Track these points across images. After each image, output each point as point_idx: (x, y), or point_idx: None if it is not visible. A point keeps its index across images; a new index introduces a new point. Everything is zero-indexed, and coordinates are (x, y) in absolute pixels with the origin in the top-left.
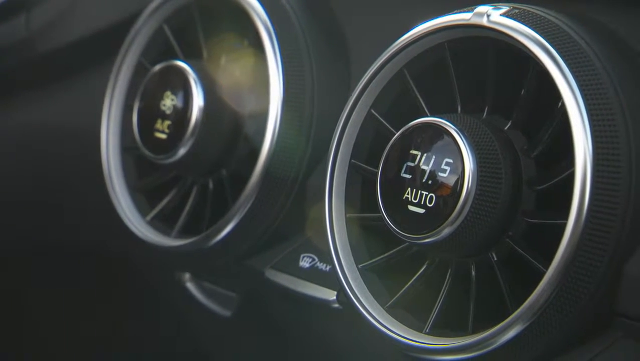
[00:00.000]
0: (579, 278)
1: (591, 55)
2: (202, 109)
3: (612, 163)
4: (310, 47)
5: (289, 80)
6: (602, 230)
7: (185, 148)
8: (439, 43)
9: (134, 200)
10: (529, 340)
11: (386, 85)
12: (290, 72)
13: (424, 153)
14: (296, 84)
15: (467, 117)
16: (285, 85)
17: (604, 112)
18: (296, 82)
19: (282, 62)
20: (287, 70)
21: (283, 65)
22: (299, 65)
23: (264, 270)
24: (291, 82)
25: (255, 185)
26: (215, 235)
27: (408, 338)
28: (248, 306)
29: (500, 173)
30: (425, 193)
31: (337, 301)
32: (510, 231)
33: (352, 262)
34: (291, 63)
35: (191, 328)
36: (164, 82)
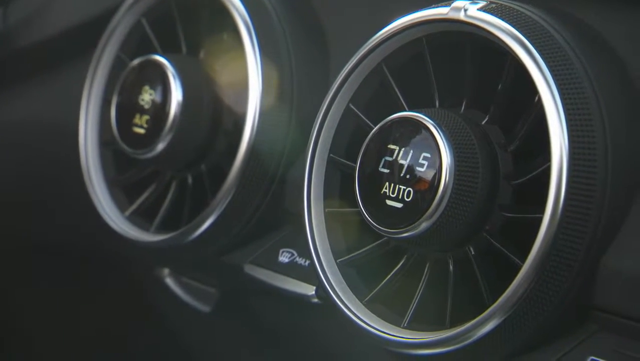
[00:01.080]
0: (555, 271)
1: (568, 50)
2: (180, 104)
3: (588, 157)
4: (290, 41)
5: (268, 74)
6: (578, 224)
7: (164, 143)
8: (417, 37)
9: (113, 195)
10: (506, 333)
11: (365, 79)
12: (270, 66)
13: (401, 147)
14: (275, 78)
15: (444, 112)
16: (264, 80)
17: (580, 107)
18: (275, 76)
19: (261, 57)
20: (266, 64)
21: (262, 59)
22: (278, 59)
23: (243, 265)
24: (270, 76)
25: (234, 180)
26: (194, 230)
27: (386, 332)
28: (227, 302)
29: (478, 168)
30: (403, 188)
31: (316, 296)
32: (487, 225)
33: (330, 257)
34: (270, 57)
35: (171, 324)
36: (143, 76)
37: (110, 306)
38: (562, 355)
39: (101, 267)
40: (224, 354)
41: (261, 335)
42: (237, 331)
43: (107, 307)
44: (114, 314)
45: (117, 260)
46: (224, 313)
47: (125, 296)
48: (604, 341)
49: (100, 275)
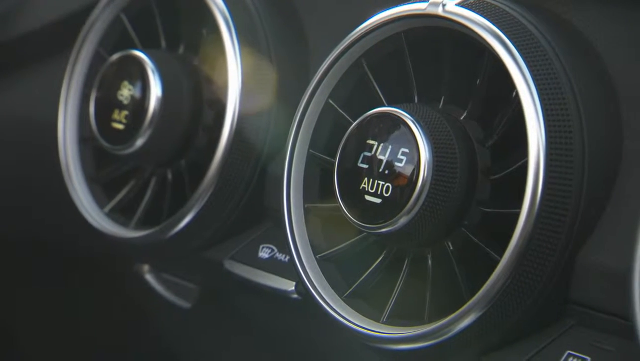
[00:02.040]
0: (533, 266)
1: (545, 46)
2: (159, 99)
3: (565, 153)
4: (269, 36)
5: (248, 70)
6: (555, 218)
7: (143, 138)
8: (395, 33)
9: (92, 191)
10: (483, 328)
11: (344, 75)
12: (249, 62)
13: (380, 143)
14: (255, 73)
15: (423, 107)
16: (244, 76)
17: (557, 102)
18: (255, 72)
19: (241, 52)
20: (246, 60)
21: (241, 55)
22: (257, 55)
23: (223, 261)
24: (250, 72)
25: (214, 175)
26: (173, 226)
27: (364, 327)
28: (208, 298)
29: (456, 163)
30: (382, 183)
31: (295, 292)
32: (466, 220)
33: (310, 252)
34: (250, 53)
35: (151, 320)
36: (122, 71)
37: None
38: (540, 350)
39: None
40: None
41: (242, 331)
42: (218, 327)
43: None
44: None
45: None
46: (204, 309)
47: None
48: (580, 336)
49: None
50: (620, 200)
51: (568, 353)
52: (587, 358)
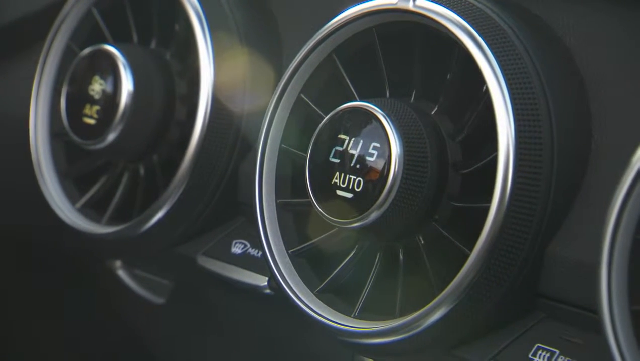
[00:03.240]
0: (502, 260)
1: (515, 40)
2: (131, 94)
3: (534, 147)
4: (242, 31)
5: (220, 64)
6: (524, 213)
7: (115, 133)
8: (367, 27)
9: (64, 187)
10: (454, 322)
11: (316, 69)
12: (222, 56)
13: (352, 137)
14: (227, 68)
15: (394, 102)
16: (216, 70)
17: (526, 97)
18: (227, 66)
19: (213, 47)
20: (218, 54)
21: (213, 49)
22: (230, 49)
23: (196, 257)
24: (222, 66)
25: (186, 170)
26: (146, 222)
27: (336, 322)
28: (181, 294)
29: (427, 158)
30: (353, 178)
31: (268, 287)
32: (437, 215)
33: (282, 248)
34: (222, 48)
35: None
36: (93, 66)
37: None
38: (510, 343)
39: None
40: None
41: (215, 326)
42: (192, 322)
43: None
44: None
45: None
46: (178, 305)
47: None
48: (550, 329)
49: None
50: (588, 194)
51: (537, 347)
52: (556, 352)
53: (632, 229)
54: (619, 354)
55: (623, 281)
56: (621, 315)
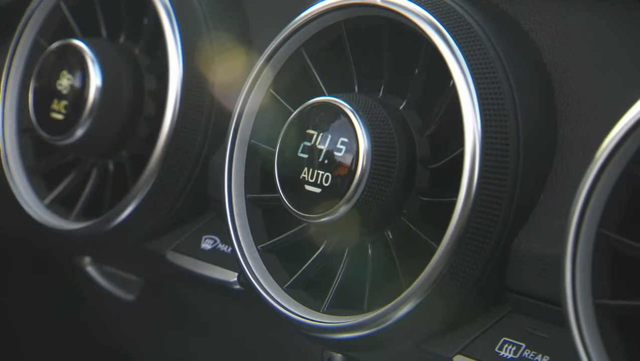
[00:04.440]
0: (469, 254)
1: (481, 35)
2: (99, 89)
3: (500, 142)
4: (211, 26)
5: (189, 59)
6: (491, 207)
7: (83, 129)
8: (335, 22)
9: (32, 182)
10: (422, 316)
11: (284, 64)
12: (190, 51)
13: (320, 132)
14: (196, 63)
15: (362, 97)
16: (185, 65)
17: (493, 92)
18: (196, 61)
19: (182, 41)
20: (187, 49)
21: (182, 44)
22: (199, 44)
23: (166, 253)
24: (191, 61)
25: (155, 166)
26: (114, 218)
27: (305, 317)
28: (151, 290)
29: (394, 153)
30: (321, 173)
31: (238, 283)
32: (405, 209)
33: (251, 243)
34: (191, 42)
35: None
36: (61, 61)
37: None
38: (476, 337)
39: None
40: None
41: (186, 322)
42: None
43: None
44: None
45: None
46: (148, 301)
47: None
48: (516, 323)
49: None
50: (554, 188)
51: (504, 340)
52: (522, 345)
53: (595, 223)
54: (583, 347)
55: (587, 275)
56: (585, 308)
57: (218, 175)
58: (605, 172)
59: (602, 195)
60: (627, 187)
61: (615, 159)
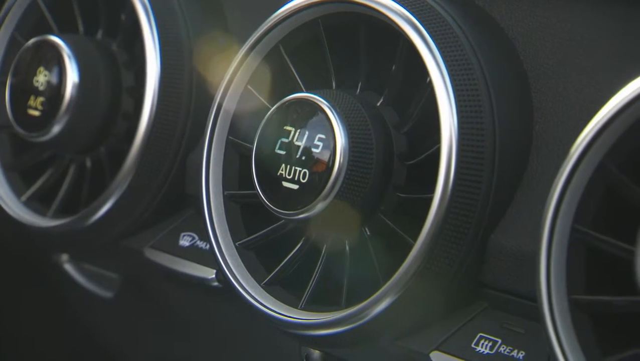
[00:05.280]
0: (446, 250)
1: (458, 32)
2: (76, 85)
3: (477, 138)
4: (189, 22)
5: (167, 55)
6: (467, 203)
7: (60, 125)
8: (313, 19)
9: (9, 179)
10: (399, 312)
11: (262, 60)
12: (168, 47)
13: (297, 129)
14: (174, 59)
15: (340, 93)
16: (163, 61)
17: (469, 89)
18: (174, 57)
19: (159, 37)
20: (165, 45)
21: (160, 40)
22: (176, 40)
23: (144, 250)
24: (169, 57)
25: (133, 163)
26: (92, 215)
27: (282, 314)
28: (129, 287)
29: (372, 149)
30: (299, 169)
31: (216, 280)
32: (382, 206)
33: (229, 240)
34: (168, 38)
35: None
36: (38, 57)
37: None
38: (453, 332)
39: None
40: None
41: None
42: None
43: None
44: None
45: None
46: (126, 298)
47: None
48: (492, 318)
49: None
50: (530, 184)
51: (480, 336)
52: (498, 341)
53: (570, 218)
54: (557, 342)
55: (561, 270)
56: (559, 303)
57: (196, 172)
58: (579, 167)
59: (576, 190)
60: (602, 183)
61: (589, 155)
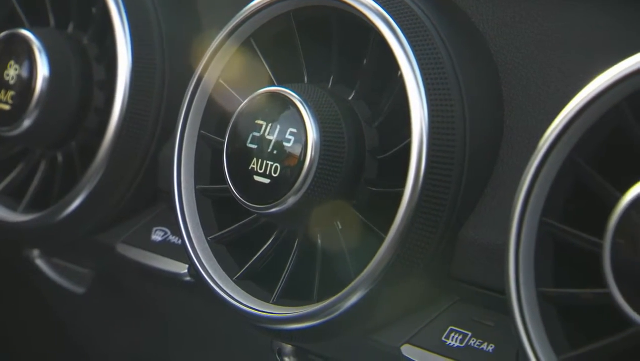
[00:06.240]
0: (416, 243)
1: (428, 26)
2: (47, 79)
3: (447, 132)
4: (160, 15)
5: (138, 48)
6: (438, 197)
7: (30, 119)
8: (284, 12)
9: None
10: (370, 305)
11: (234, 54)
12: (139, 40)
13: (269, 123)
14: (146, 52)
15: (311, 87)
16: (134, 54)
17: (440, 82)
18: (146, 51)
19: (130, 30)
20: (136, 38)
21: (131, 33)
22: (148, 33)
23: (116, 245)
24: (140, 51)
25: (104, 157)
26: (63, 209)
27: (254, 308)
28: (101, 282)
29: (343, 143)
30: (270, 163)
31: (188, 275)
32: (354, 200)
33: (201, 234)
34: (140, 31)
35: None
36: (8, 51)
37: None
38: (424, 326)
39: None
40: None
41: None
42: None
43: None
44: None
45: None
46: (99, 293)
47: None
48: (463, 311)
49: None
50: (500, 177)
51: (450, 329)
52: (468, 333)
53: (538, 211)
54: (525, 334)
55: (530, 263)
56: (528, 295)
57: (169, 166)
58: (547, 161)
59: (545, 183)
60: (570, 176)
61: (557, 149)
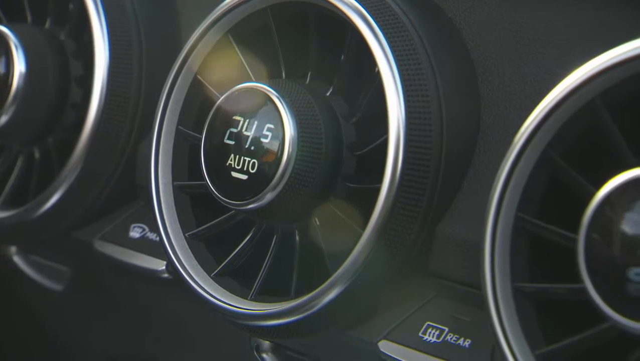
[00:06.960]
0: (394, 239)
1: (405, 22)
2: (23, 75)
3: (424, 128)
4: (138, 11)
5: (116, 44)
6: (415, 193)
7: (7, 116)
8: (262, 8)
9: None
10: (347, 301)
11: (211, 50)
12: (117, 36)
13: (246, 119)
14: (123, 48)
15: (289, 83)
16: (112, 50)
17: (417, 79)
18: (123, 46)
19: (108, 26)
20: (113, 34)
21: (109, 29)
22: (125, 29)
23: (93, 242)
24: (118, 46)
25: (81, 154)
26: (41, 206)
27: (232, 305)
28: (79, 279)
29: (321, 139)
30: (248, 160)
31: (166, 271)
32: (332, 196)
33: (179, 231)
34: (117, 27)
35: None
36: None
37: None
38: (401, 321)
39: None
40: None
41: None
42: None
43: None
44: None
45: None
46: (77, 291)
47: None
48: (440, 307)
49: None
50: (477, 173)
51: (427, 324)
52: (445, 329)
53: (514, 207)
54: (500, 329)
55: (505, 258)
56: (503, 291)
57: (146, 163)
58: (523, 156)
59: (520, 179)
60: (546, 171)
61: (532, 144)
